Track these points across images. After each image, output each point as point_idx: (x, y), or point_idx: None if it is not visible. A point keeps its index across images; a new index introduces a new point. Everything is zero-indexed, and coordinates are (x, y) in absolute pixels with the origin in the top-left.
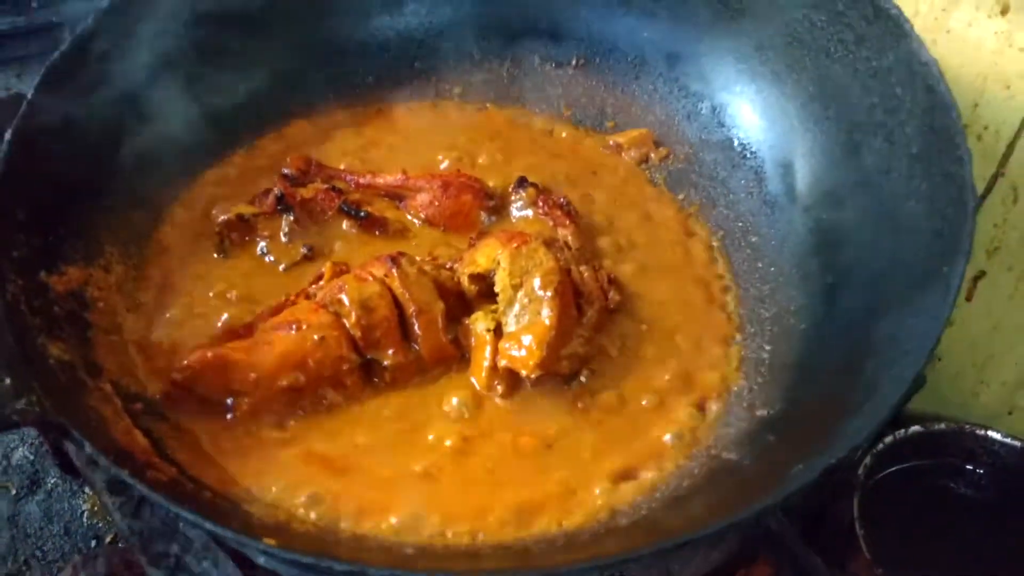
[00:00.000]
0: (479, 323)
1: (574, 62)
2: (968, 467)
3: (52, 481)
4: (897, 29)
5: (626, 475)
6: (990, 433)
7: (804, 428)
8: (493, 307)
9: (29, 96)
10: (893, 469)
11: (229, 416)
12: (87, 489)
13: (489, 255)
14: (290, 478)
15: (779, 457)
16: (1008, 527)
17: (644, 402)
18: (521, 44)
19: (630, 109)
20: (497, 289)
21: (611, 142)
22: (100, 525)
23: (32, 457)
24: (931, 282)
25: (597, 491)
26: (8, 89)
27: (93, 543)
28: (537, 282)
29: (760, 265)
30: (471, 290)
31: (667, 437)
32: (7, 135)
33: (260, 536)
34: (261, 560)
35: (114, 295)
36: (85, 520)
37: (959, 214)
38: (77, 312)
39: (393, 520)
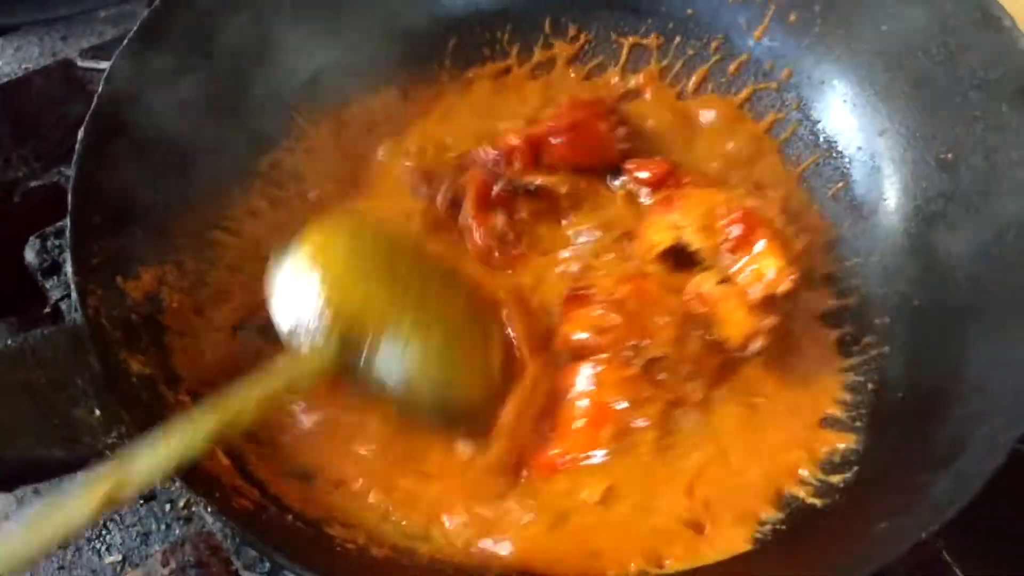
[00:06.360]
0: (704, 285)
1: (654, 41)
2: None
3: None
4: (1009, 42)
5: None
6: None
7: (885, 471)
8: (701, 267)
9: (100, 89)
10: None
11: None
12: None
13: (662, 228)
14: (364, 487)
15: (860, 500)
16: None
17: None
18: (597, 17)
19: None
20: (697, 247)
21: None
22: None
23: None
24: None
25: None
26: (55, 54)
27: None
28: (731, 220)
29: (841, 277)
30: (662, 270)
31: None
32: (80, 135)
33: None
34: None
35: (187, 294)
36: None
37: None
38: (152, 316)
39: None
